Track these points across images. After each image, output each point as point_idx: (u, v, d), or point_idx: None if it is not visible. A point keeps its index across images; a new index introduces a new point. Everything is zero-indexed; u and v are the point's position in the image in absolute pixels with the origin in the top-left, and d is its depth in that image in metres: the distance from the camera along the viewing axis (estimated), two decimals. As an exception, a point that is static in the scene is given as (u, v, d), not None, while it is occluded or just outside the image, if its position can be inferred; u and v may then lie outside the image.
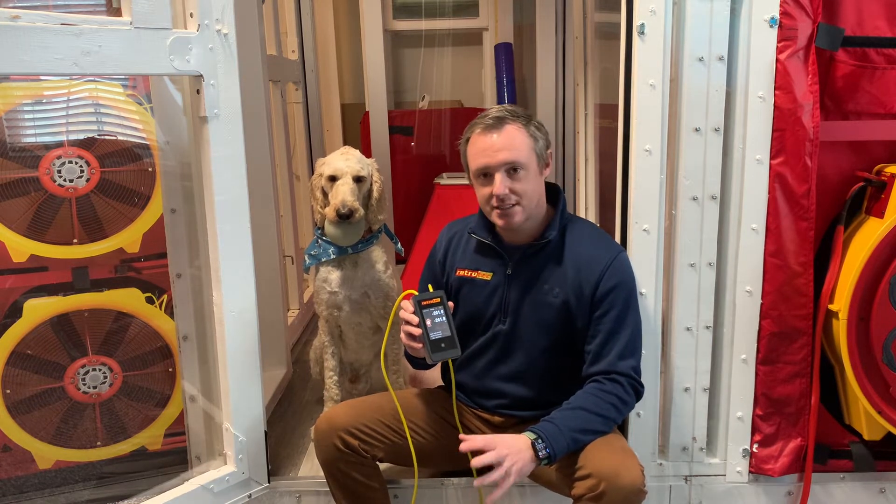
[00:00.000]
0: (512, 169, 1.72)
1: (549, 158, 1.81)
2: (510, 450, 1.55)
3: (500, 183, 1.71)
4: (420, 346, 1.69)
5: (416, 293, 1.70)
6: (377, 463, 1.86)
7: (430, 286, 1.83)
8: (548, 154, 1.81)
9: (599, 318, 1.76)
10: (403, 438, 1.84)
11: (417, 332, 1.67)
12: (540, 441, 1.58)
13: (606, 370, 1.73)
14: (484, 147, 1.73)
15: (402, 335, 1.73)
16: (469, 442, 1.57)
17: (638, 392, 1.76)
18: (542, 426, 1.63)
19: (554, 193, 1.87)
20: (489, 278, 1.85)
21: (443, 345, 1.67)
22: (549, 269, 1.80)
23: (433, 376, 2.67)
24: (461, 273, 1.89)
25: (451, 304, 1.73)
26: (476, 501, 2.03)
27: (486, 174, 1.74)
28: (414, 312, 1.68)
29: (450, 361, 1.85)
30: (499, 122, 1.73)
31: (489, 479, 1.53)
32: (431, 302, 1.68)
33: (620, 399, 1.71)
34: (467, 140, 1.79)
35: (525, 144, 1.73)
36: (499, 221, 1.76)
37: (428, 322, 1.67)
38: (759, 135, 1.87)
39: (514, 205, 1.73)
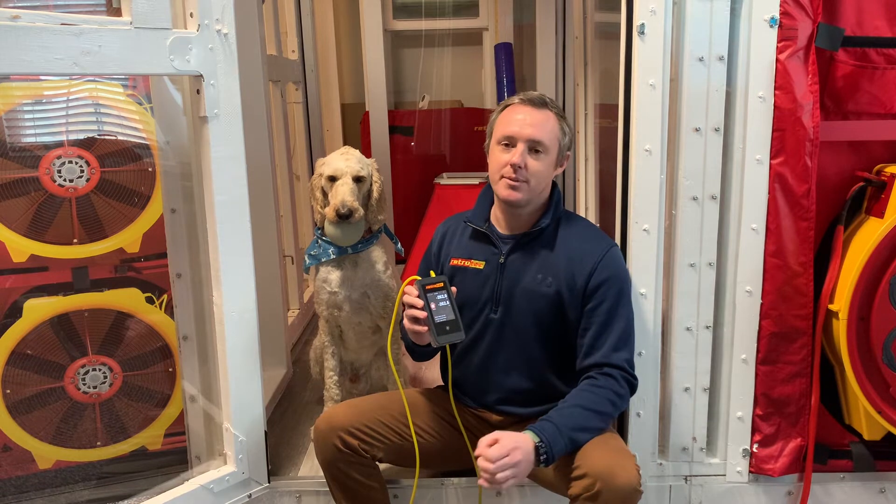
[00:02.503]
0: (535, 149, 1.76)
1: (566, 159, 1.85)
2: (518, 452, 1.55)
3: (519, 153, 1.74)
4: (425, 329, 1.69)
5: (420, 278, 1.72)
6: (377, 463, 1.86)
7: (431, 272, 1.84)
8: (566, 154, 1.84)
9: (591, 310, 1.77)
10: (403, 438, 1.84)
11: (422, 315, 1.68)
12: (542, 445, 1.58)
13: (600, 363, 1.74)
14: (518, 117, 1.77)
15: (406, 320, 1.73)
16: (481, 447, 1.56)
17: (632, 385, 1.77)
18: (541, 426, 1.63)
19: (550, 187, 1.88)
20: (481, 267, 1.86)
21: (447, 328, 1.69)
22: (542, 259, 1.82)
23: (433, 376, 2.68)
24: (455, 262, 1.90)
25: (454, 288, 1.75)
26: (476, 502, 2.03)
27: (510, 143, 1.77)
28: (418, 296, 1.69)
29: (448, 357, 1.86)
30: (540, 103, 1.79)
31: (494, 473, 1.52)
32: (435, 286, 1.71)
33: (616, 393, 1.72)
34: (503, 108, 1.82)
35: (554, 132, 1.78)
36: (503, 192, 1.78)
37: (432, 306, 1.69)
38: (759, 135, 1.87)
39: (524, 181, 1.75)
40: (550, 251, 1.82)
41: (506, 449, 1.54)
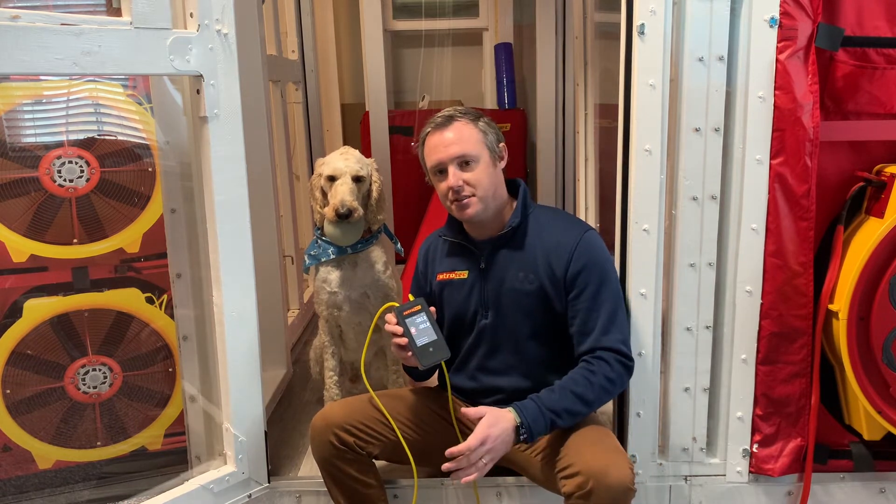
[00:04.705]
0: (464, 162, 1.79)
1: (503, 152, 1.87)
2: (491, 438, 1.60)
3: (452, 175, 1.78)
4: (410, 354, 1.73)
5: (397, 305, 1.75)
6: (373, 460, 1.87)
7: (410, 296, 1.89)
8: (500, 147, 1.86)
9: (574, 299, 1.79)
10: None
11: (404, 341, 1.72)
12: (522, 424, 1.63)
13: (592, 348, 1.76)
14: (436, 144, 1.81)
15: (392, 347, 1.78)
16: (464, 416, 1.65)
17: (626, 366, 1.78)
18: (524, 406, 1.66)
19: (514, 186, 1.91)
20: (465, 276, 1.89)
21: (431, 349, 1.73)
22: (520, 257, 1.84)
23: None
24: (441, 277, 1.94)
25: (432, 308, 1.78)
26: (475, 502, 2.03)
27: (441, 170, 1.81)
28: (397, 323, 1.72)
29: (442, 363, 1.87)
30: (448, 121, 1.81)
31: (465, 470, 1.60)
32: (413, 311, 1.74)
33: (607, 378, 1.73)
34: (423, 142, 1.86)
35: (474, 138, 1.80)
36: (457, 213, 1.82)
37: (413, 330, 1.72)
38: (759, 135, 1.87)
39: (470, 196, 1.78)
40: (526, 248, 1.84)
41: (478, 439, 1.59)
